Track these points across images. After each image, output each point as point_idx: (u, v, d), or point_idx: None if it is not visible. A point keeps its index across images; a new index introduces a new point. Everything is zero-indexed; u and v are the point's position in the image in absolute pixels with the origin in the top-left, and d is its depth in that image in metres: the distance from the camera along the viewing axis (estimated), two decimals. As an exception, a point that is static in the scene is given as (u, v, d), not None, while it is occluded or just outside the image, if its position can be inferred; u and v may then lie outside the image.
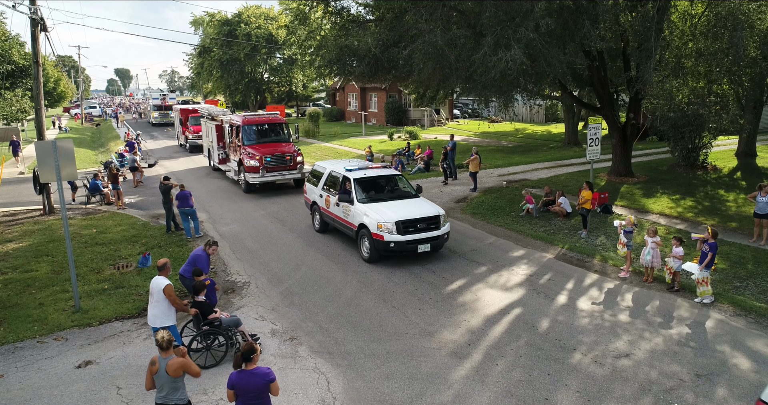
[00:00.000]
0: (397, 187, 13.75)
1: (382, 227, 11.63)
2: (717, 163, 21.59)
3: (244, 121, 20.65)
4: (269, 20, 50.93)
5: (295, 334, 9.00)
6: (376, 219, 11.79)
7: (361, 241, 12.47)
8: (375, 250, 11.91)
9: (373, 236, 11.77)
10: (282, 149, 20.04)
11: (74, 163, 10.01)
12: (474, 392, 7.22)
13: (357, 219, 12.41)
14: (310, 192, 15.20)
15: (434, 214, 12.13)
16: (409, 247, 11.74)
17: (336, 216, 13.54)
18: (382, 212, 11.98)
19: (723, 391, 7.13)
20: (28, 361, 8.32)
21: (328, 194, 13.92)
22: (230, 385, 5.45)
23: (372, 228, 11.80)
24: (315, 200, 14.80)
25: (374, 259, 12.11)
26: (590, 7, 13.43)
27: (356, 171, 13.49)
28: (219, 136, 23.49)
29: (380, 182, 13.61)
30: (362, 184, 13.08)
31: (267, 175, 19.53)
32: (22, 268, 12.26)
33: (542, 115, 46.03)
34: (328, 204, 13.87)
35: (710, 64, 15.25)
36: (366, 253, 12.32)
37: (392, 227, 11.61)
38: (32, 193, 18.84)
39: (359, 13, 19.93)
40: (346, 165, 14.07)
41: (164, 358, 5.59)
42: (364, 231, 12.19)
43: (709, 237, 9.75)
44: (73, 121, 60.69)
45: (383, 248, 11.73)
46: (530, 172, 21.79)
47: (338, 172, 13.81)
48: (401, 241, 11.64)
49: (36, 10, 16.27)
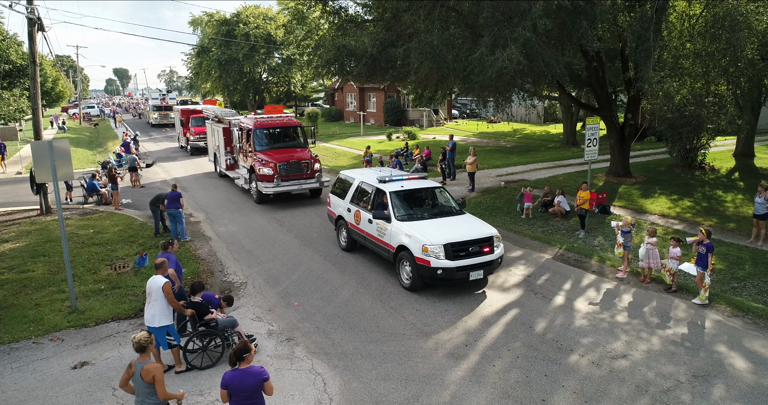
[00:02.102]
0: (439, 202, 12.16)
1: (427, 251, 9.97)
2: (715, 164, 21.60)
3: (255, 125, 18.83)
4: (268, 20, 50.87)
5: (291, 335, 8.98)
6: (420, 241, 10.14)
7: (400, 265, 10.77)
8: (419, 277, 10.25)
9: (417, 261, 10.12)
10: (298, 155, 18.25)
11: (70, 163, 9.98)
12: (471, 393, 7.21)
13: (395, 239, 10.80)
14: (335, 205, 13.55)
15: (488, 234, 10.53)
16: (460, 274, 10.04)
17: (368, 234, 11.91)
18: (426, 233, 10.31)
19: (720, 392, 7.12)
20: (24, 362, 8.29)
21: (358, 208, 12.32)
22: (224, 385, 5.43)
23: (415, 251, 10.16)
24: (341, 214, 13.17)
25: (417, 287, 10.44)
26: (588, 8, 13.42)
27: (391, 182, 11.88)
28: (227, 140, 21.76)
29: (420, 196, 12.03)
30: (400, 198, 11.46)
31: (282, 184, 17.62)
32: (19, 268, 12.22)
33: (538, 115, 46.04)
34: (358, 220, 12.28)
35: (708, 64, 15.25)
36: (406, 280, 10.62)
37: (440, 251, 9.97)
38: (29, 193, 18.80)
39: (357, 12, 19.92)
40: (378, 175, 12.48)
41: (140, 362, 5.52)
42: (404, 254, 10.54)
43: (704, 238, 9.75)
44: (72, 121, 60.54)
45: (429, 275, 10.07)
46: (528, 173, 21.78)
47: (370, 183, 12.21)
48: (451, 267, 9.94)
49: (33, 9, 16.23)
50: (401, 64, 17.18)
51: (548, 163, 23.92)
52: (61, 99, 65.11)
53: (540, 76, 14.72)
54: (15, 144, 36.10)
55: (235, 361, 5.42)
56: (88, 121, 61.42)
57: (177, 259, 8.95)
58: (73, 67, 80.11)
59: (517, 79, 14.96)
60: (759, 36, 14.65)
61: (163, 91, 67.80)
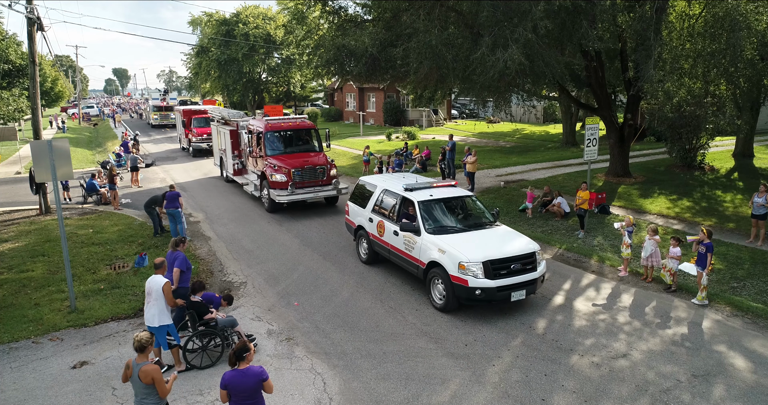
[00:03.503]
0: (472, 212, 11.14)
1: (464, 269, 9.01)
2: (714, 164, 21.62)
3: (267, 127, 17.54)
4: (267, 20, 50.89)
5: (291, 335, 8.97)
6: (456, 257, 9.17)
7: (432, 284, 9.82)
8: (454, 297, 9.31)
9: (452, 280, 9.18)
10: (313, 160, 16.98)
11: (70, 162, 9.97)
12: (470, 393, 7.20)
13: (426, 255, 9.82)
14: (355, 214, 12.55)
15: (530, 250, 9.53)
16: (501, 295, 9.08)
17: (393, 247, 10.92)
18: (462, 248, 9.33)
19: (720, 392, 7.12)
20: (23, 362, 8.28)
21: (382, 219, 11.33)
22: (223, 385, 5.42)
23: (450, 269, 9.21)
24: (361, 224, 12.20)
25: (451, 308, 9.49)
26: (588, 8, 13.43)
27: (419, 190, 10.89)
28: (234, 143, 20.56)
29: (451, 205, 10.95)
30: (429, 208, 10.45)
31: (296, 192, 16.34)
32: (18, 268, 12.21)
33: (536, 116, 46.04)
34: (382, 231, 11.26)
35: (708, 64, 15.26)
36: (439, 300, 9.68)
37: (479, 269, 8.99)
38: (29, 192, 18.78)
39: (357, 12, 19.92)
40: (402, 181, 11.54)
41: (138, 363, 5.50)
42: (436, 271, 9.59)
43: (705, 237, 9.75)
44: (71, 121, 60.49)
45: (466, 296, 9.12)
46: (528, 173, 21.79)
47: (394, 191, 11.22)
48: (490, 287, 8.96)
49: (32, 9, 16.22)
50: (401, 64, 17.16)
51: (548, 163, 23.94)
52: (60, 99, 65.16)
53: (540, 77, 14.71)
54: (14, 144, 36.07)
55: (235, 361, 5.41)
56: (88, 121, 61.38)
57: (185, 257, 8.88)
58: (73, 67, 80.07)
59: (518, 79, 14.96)
60: (758, 36, 14.65)
61: (162, 92, 67.53)
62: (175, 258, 8.67)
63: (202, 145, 29.95)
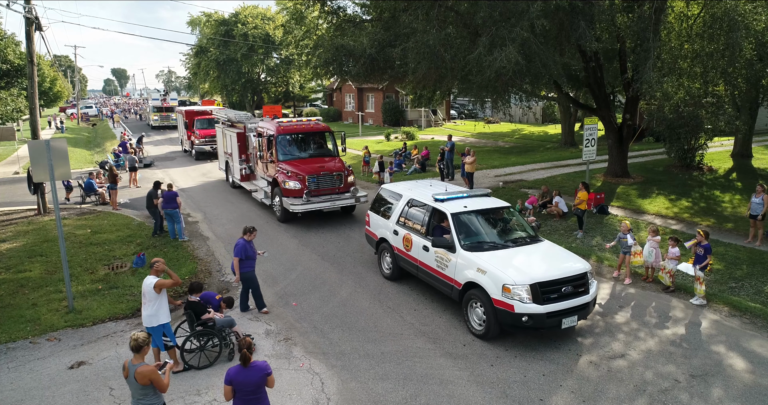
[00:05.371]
0: (510, 226, 10.06)
1: (510, 292, 8.00)
2: (713, 164, 21.64)
3: (278, 130, 16.23)
4: (266, 20, 50.91)
5: (289, 335, 8.96)
6: (499, 279, 8.15)
7: (469, 307, 8.80)
8: (496, 323, 8.29)
9: (495, 304, 8.15)
10: (329, 166, 15.77)
11: (68, 162, 9.95)
12: (469, 393, 7.20)
13: (462, 274, 8.82)
14: (377, 225, 11.53)
15: (581, 270, 8.49)
16: (550, 322, 8.07)
17: (423, 264, 9.90)
18: (505, 267, 8.34)
19: (718, 392, 7.12)
20: (20, 362, 8.26)
21: (408, 232, 10.32)
22: (228, 381, 5.45)
23: (492, 292, 8.20)
24: (384, 237, 11.15)
25: (493, 335, 8.46)
26: (586, 8, 13.44)
27: (451, 201, 9.87)
28: (241, 146, 19.37)
29: (488, 218, 9.91)
30: (464, 221, 9.46)
31: (312, 200, 15.08)
32: (16, 268, 12.19)
33: (535, 117, 46.08)
34: (409, 246, 10.25)
35: (706, 65, 15.28)
36: (478, 326, 8.63)
37: (526, 292, 7.98)
38: (27, 192, 18.75)
39: (355, 12, 19.95)
40: (431, 190, 10.63)
41: (134, 364, 5.48)
42: (475, 293, 8.57)
43: (703, 239, 9.76)
44: (70, 121, 60.44)
45: (511, 323, 8.10)
46: (527, 173, 21.79)
47: (423, 201, 10.22)
48: (539, 313, 7.95)
49: (31, 8, 16.19)
50: (399, 64, 17.17)
51: (546, 163, 23.95)
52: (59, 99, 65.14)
53: (538, 77, 14.73)
54: (13, 144, 36.03)
55: (250, 358, 5.49)
56: (86, 122, 61.33)
57: (243, 246, 9.56)
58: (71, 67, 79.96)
59: (515, 79, 14.97)
60: (757, 36, 14.67)
61: (162, 92, 67.27)
62: (235, 245, 9.51)
63: (205, 148, 28.79)
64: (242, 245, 9.55)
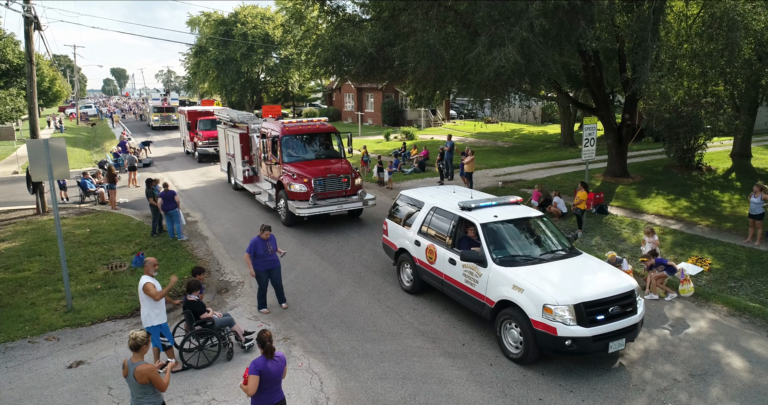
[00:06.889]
0: (545, 237, 9.20)
1: (551, 313, 7.24)
2: (712, 164, 21.64)
3: (284, 131, 15.76)
4: (265, 20, 50.90)
5: (288, 334, 8.96)
6: (539, 298, 7.37)
7: (503, 328, 8.01)
8: (535, 346, 7.51)
9: (534, 326, 7.40)
10: (336, 168, 15.26)
11: (66, 162, 9.93)
12: (468, 392, 7.20)
13: (495, 292, 8.04)
14: (395, 234, 10.79)
15: (628, 288, 7.71)
16: (597, 346, 7.32)
17: (449, 278, 9.13)
18: (544, 285, 7.55)
19: (717, 391, 7.12)
20: (19, 362, 8.25)
21: (432, 243, 9.54)
22: (256, 371, 5.43)
23: (530, 312, 7.44)
24: (404, 247, 10.41)
25: (531, 360, 7.71)
26: (585, 8, 13.44)
27: (480, 210, 9.12)
28: (244, 148, 18.92)
29: (521, 229, 9.13)
30: (496, 232, 8.70)
31: (319, 204, 14.53)
32: (14, 267, 12.18)
33: (534, 116, 46.10)
34: (433, 258, 9.46)
35: (705, 64, 15.28)
36: (515, 349, 7.85)
37: (570, 313, 7.23)
38: (26, 192, 18.73)
39: (355, 12, 19.94)
40: (454, 197, 9.99)
41: (133, 363, 5.47)
42: (509, 313, 7.81)
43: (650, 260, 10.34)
44: (69, 121, 60.39)
45: (552, 347, 7.35)
46: (526, 173, 21.80)
47: (448, 209, 9.45)
48: (585, 337, 7.21)
49: (29, 8, 16.18)
50: (399, 64, 17.16)
51: (546, 163, 23.96)
52: (58, 99, 65.08)
53: (537, 76, 14.73)
54: (12, 143, 36.03)
55: (274, 348, 5.56)
56: (86, 121, 61.30)
57: (254, 242, 9.72)
58: (71, 67, 79.91)
59: (514, 78, 14.98)
60: (756, 36, 14.68)
61: (162, 91, 67.09)
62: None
63: (208, 150, 27.76)
64: (253, 242, 9.67)
